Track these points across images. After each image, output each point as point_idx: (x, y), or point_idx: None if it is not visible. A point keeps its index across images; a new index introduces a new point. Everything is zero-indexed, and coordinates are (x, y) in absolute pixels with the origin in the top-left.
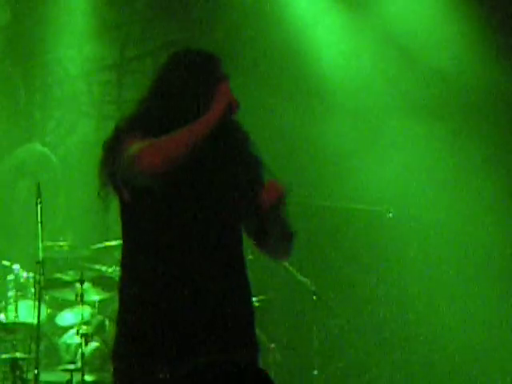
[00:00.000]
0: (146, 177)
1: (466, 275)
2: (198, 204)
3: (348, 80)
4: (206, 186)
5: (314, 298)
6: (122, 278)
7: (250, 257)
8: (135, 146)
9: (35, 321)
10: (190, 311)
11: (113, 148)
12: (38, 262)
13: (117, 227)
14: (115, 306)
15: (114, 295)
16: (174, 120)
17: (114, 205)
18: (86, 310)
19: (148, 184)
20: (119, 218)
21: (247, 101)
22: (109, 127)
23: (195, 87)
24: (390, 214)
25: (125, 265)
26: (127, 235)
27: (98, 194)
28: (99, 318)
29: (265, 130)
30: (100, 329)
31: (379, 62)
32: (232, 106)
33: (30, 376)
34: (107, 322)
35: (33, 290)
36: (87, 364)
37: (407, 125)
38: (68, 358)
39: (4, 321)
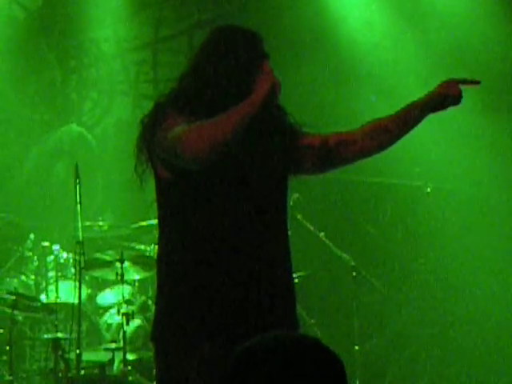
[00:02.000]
0: (190, 161)
1: (507, 250)
2: (240, 181)
3: (380, 53)
4: (246, 162)
5: (354, 273)
6: (159, 257)
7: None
8: (179, 128)
9: (76, 301)
10: (232, 289)
11: (152, 124)
12: (77, 242)
13: (156, 205)
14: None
15: (154, 274)
16: (215, 98)
17: (152, 183)
18: (127, 290)
19: (191, 167)
20: (155, 196)
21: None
22: (145, 106)
23: (237, 65)
24: (428, 189)
25: (162, 244)
26: (165, 213)
27: (135, 169)
28: (142, 298)
29: (299, 105)
30: (143, 308)
31: (416, 36)
32: (275, 88)
33: (72, 356)
34: (150, 302)
35: (73, 270)
36: (129, 343)
37: None
38: (109, 337)
39: (45, 301)
